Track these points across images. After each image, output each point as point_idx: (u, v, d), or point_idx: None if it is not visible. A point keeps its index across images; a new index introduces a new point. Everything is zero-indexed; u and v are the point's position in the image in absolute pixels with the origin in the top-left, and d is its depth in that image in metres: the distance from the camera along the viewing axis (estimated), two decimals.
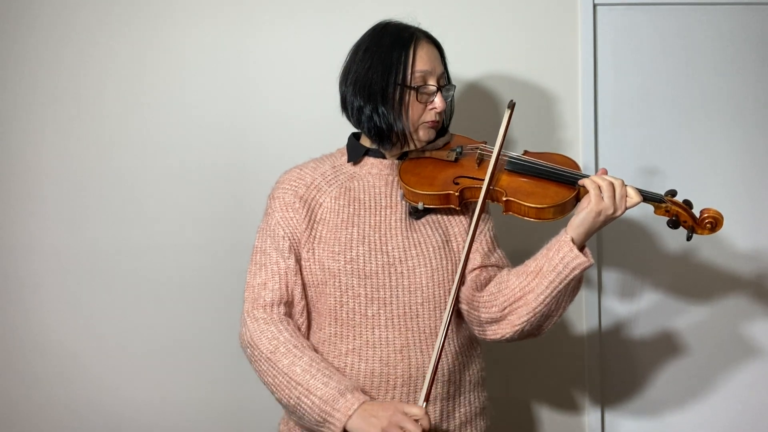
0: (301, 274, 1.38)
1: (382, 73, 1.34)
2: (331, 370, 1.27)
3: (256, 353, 1.31)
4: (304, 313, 1.38)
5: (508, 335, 1.33)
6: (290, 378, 1.26)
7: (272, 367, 1.28)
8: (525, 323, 1.30)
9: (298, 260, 1.37)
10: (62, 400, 1.93)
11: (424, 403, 1.21)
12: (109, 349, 1.93)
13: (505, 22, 1.91)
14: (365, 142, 1.43)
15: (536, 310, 1.28)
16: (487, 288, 1.36)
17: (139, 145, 1.90)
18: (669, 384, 1.97)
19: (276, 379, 1.28)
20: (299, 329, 1.36)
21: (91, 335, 1.92)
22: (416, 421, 1.17)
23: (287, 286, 1.36)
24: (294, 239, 1.36)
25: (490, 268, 1.40)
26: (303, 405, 1.23)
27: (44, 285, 1.92)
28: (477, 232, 1.41)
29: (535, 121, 1.91)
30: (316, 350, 1.34)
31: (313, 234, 1.36)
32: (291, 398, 1.25)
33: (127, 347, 1.93)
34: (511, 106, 1.39)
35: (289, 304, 1.36)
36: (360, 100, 1.37)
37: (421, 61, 1.35)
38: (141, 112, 1.90)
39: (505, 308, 1.31)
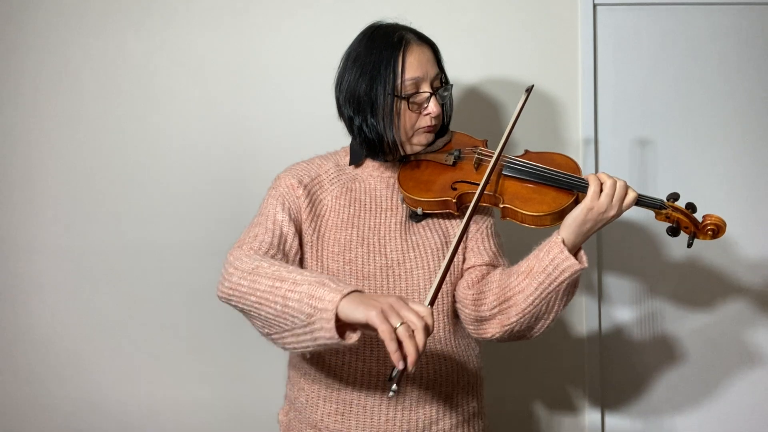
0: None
1: (370, 84, 1.32)
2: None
3: (236, 275, 1.17)
4: None
5: (497, 335, 1.32)
6: (275, 278, 1.12)
7: (255, 278, 1.14)
8: (514, 323, 1.29)
9: (298, 232, 1.33)
10: (62, 400, 1.94)
11: (429, 306, 1.05)
12: (109, 348, 1.93)
13: (505, 22, 1.90)
14: None
15: (525, 311, 1.27)
16: (478, 285, 1.35)
17: (139, 146, 1.90)
18: (669, 387, 1.97)
19: (258, 291, 1.13)
20: None
21: (92, 335, 1.93)
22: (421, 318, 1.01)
23: (280, 245, 1.29)
24: (295, 214, 1.33)
25: (483, 267, 1.38)
26: (290, 303, 1.08)
27: (44, 285, 1.92)
28: (472, 231, 1.41)
29: (536, 121, 1.91)
30: None
31: (312, 227, 1.35)
32: (276, 302, 1.10)
33: (127, 347, 1.93)
34: (529, 90, 1.38)
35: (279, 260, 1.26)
36: (350, 110, 1.36)
37: (411, 68, 1.31)
38: (142, 112, 1.90)
39: (495, 307, 1.30)
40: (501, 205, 1.31)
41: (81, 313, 1.92)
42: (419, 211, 1.36)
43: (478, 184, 1.30)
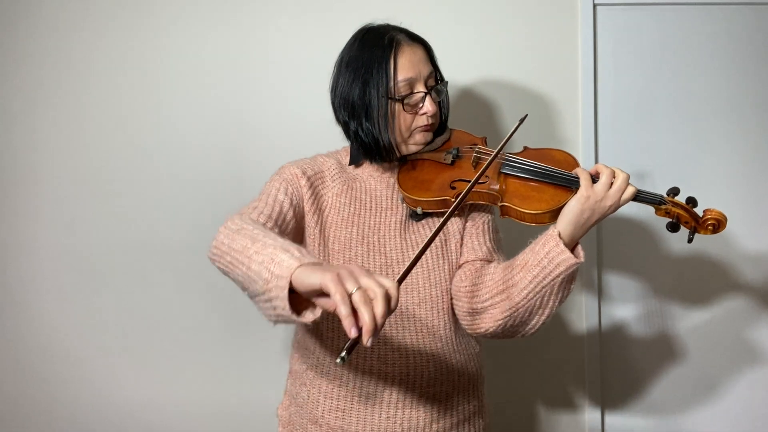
0: None
1: (363, 89, 1.32)
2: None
3: (223, 233, 1.14)
4: None
5: (491, 329, 1.31)
6: (250, 239, 1.07)
7: (235, 237, 1.11)
8: (507, 318, 1.28)
9: (295, 218, 1.32)
10: (62, 400, 1.94)
11: (397, 283, 0.95)
12: (109, 348, 1.93)
13: (505, 22, 1.90)
14: None
15: (519, 304, 1.26)
16: (472, 278, 1.33)
17: (139, 146, 1.90)
18: (669, 385, 1.97)
19: (234, 251, 1.09)
20: None
21: (91, 335, 1.93)
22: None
23: (277, 221, 1.27)
24: (297, 201, 1.33)
25: (478, 262, 1.37)
26: (252, 266, 1.02)
27: (44, 285, 1.92)
28: (468, 227, 1.41)
29: (535, 121, 1.91)
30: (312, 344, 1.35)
31: (315, 220, 1.35)
32: (243, 263, 1.05)
33: (127, 347, 1.93)
34: (523, 119, 1.39)
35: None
36: (345, 115, 1.36)
37: (403, 69, 1.31)
38: (141, 112, 1.90)
39: (487, 300, 1.29)
40: (500, 204, 1.30)
41: (81, 314, 1.92)
42: (419, 210, 1.36)
43: (478, 183, 1.30)
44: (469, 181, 1.33)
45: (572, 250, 1.26)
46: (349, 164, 1.43)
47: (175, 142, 1.90)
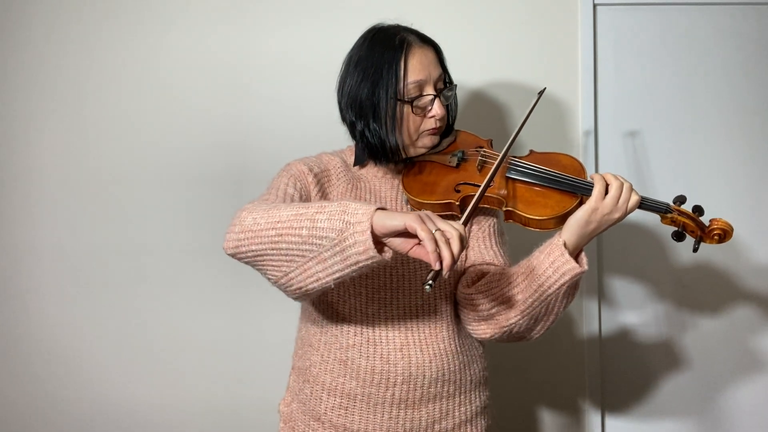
0: None
1: (372, 89, 1.30)
2: None
3: (250, 218, 1.13)
4: None
5: (496, 335, 1.32)
6: (299, 207, 1.10)
7: (274, 212, 1.11)
8: (513, 324, 1.28)
9: None
10: (62, 400, 1.94)
11: (462, 225, 1.06)
12: (109, 349, 1.93)
13: (505, 22, 1.90)
14: None
15: (524, 312, 1.26)
16: (477, 285, 1.33)
17: (139, 146, 1.90)
18: (670, 391, 1.97)
19: (279, 222, 1.09)
20: None
21: (91, 335, 1.93)
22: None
23: None
24: (305, 197, 1.32)
25: (484, 266, 1.37)
26: (319, 224, 1.05)
27: (44, 285, 1.92)
28: (474, 231, 1.41)
29: (536, 121, 1.89)
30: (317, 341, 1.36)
31: None
32: (303, 226, 1.07)
33: (126, 347, 1.93)
34: (541, 92, 1.40)
35: None
36: (352, 115, 1.35)
37: (414, 71, 1.30)
38: (141, 113, 1.89)
39: (493, 308, 1.30)
40: (504, 208, 1.30)
41: (81, 314, 1.92)
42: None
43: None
44: (473, 184, 1.33)
45: (576, 257, 1.26)
46: (354, 164, 1.42)
47: (176, 143, 1.89)
